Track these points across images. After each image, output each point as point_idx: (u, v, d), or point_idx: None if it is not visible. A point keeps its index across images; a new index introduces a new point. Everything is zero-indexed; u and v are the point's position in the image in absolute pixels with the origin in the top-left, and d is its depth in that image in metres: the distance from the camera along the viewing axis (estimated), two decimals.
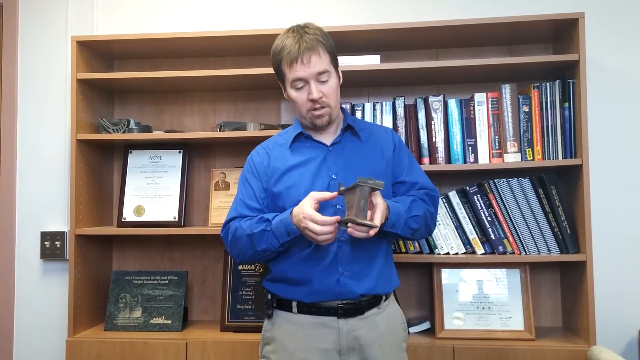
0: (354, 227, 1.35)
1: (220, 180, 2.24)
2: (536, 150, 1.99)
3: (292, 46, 1.48)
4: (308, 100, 1.51)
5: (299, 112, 1.57)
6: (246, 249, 1.52)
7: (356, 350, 1.48)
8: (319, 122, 1.54)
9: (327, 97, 1.52)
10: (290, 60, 1.49)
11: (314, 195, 1.41)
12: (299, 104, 1.54)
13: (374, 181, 1.33)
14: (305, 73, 1.49)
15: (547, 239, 1.98)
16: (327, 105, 1.52)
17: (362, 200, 1.33)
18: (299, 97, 1.53)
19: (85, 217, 2.17)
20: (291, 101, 1.57)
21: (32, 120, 2.40)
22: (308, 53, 1.47)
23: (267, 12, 2.35)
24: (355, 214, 1.33)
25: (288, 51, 1.49)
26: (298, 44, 1.48)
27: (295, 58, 1.48)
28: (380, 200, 1.40)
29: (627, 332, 2.12)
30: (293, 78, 1.50)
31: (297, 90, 1.52)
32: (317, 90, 1.49)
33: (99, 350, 2.02)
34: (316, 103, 1.51)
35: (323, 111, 1.53)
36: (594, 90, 2.13)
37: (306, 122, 1.57)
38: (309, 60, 1.48)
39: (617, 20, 2.19)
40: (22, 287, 2.37)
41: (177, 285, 2.20)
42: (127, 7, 2.41)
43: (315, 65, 1.48)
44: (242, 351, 1.98)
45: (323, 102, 1.51)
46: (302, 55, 1.47)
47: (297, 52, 1.47)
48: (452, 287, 2.07)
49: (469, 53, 2.24)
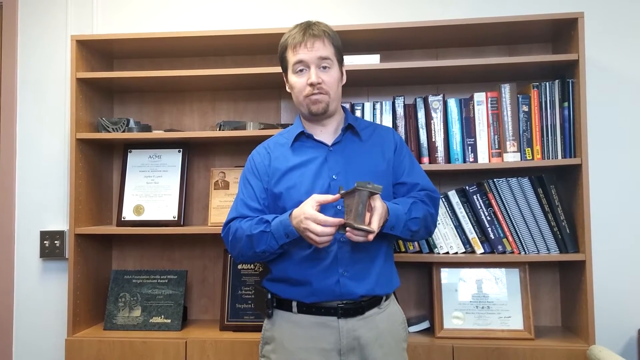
0: (352, 232, 1.35)
1: (220, 180, 2.24)
2: (535, 149, 1.99)
3: (297, 33, 1.53)
4: (307, 84, 1.51)
5: (297, 100, 1.57)
6: (246, 250, 1.52)
7: (356, 350, 1.48)
8: (315, 108, 1.53)
9: (327, 85, 1.52)
10: (294, 45, 1.52)
11: (315, 198, 1.41)
12: (298, 89, 1.54)
13: (372, 185, 1.33)
14: (307, 56, 1.50)
15: (547, 239, 1.98)
16: (325, 93, 1.52)
17: (361, 205, 1.33)
18: (298, 82, 1.53)
19: (85, 217, 2.17)
20: (291, 88, 1.57)
21: (32, 120, 2.40)
22: (313, 39, 1.51)
23: (267, 12, 2.35)
24: (354, 219, 1.33)
25: (293, 37, 1.53)
26: (304, 31, 1.52)
27: (300, 42, 1.51)
28: (379, 204, 1.39)
29: (626, 331, 2.12)
30: (295, 61, 1.52)
31: (297, 74, 1.53)
32: (317, 75, 1.50)
33: (98, 349, 2.02)
34: (314, 88, 1.51)
35: (320, 97, 1.52)
36: (593, 90, 2.13)
37: (303, 109, 1.56)
38: (313, 45, 1.50)
39: (617, 20, 2.19)
40: (22, 286, 2.37)
41: (176, 285, 2.20)
42: (127, 6, 2.41)
43: (319, 50, 1.50)
44: (242, 350, 1.98)
45: (322, 89, 1.51)
46: (306, 40, 1.50)
47: (302, 37, 1.51)
48: (451, 286, 2.07)
49: (468, 53, 2.24)
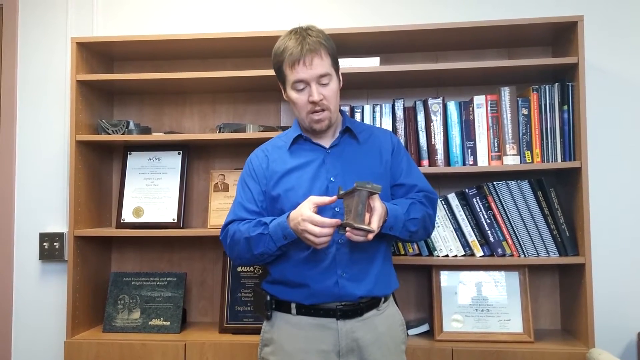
0: (352, 232, 1.35)
1: (220, 182, 2.24)
2: (535, 152, 1.99)
3: (294, 48, 1.48)
4: (308, 102, 1.51)
5: (298, 114, 1.57)
6: (244, 252, 1.52)
7: (355, 351, 1.48)
8: (318, 127, 1.55)
9: (328, 100, 1.52)
10: (292, 62, 1.49)
11: (312, 199, 1.41)
12: (299, 105, 1.54)
13: (372, 185, 1.33)
14: (306, 75, 1.49)
15: (546, 242, 1.98)
16: (326, 108, 1.52)
17: (360, 205, 1.33)
18: (300, 99, 1.53)
19: (84, 219, 2.16)
20: (291, 103, 1.57)
21: (32, 121, 2.40)
22: (310, 55, 1.48)
23: (267, 14, 2.35)
24: (353, 219, 1.33)
25: (290, 52, 1.49)
26: (300, 46, 1.48)
27: (297, 60, 1.48)
28: (378, 204, 1.40)
29: (626, 334, 2.12)
30: (294, 80, 1.51)
31: (298, 91, 1.52)
32: (318, 92, 1.50)
33: (97, 351, 2.02)
34: (316, 105, 1.51)
35: (323, 115, 1.53)
36: (593, 93, 2.13)
37: (305, 125, 1.57)
38: (311, 63, 1.48)
39: (616, 23, 2.19)
40: (21, 288, 2.36)
41: (175, 287, 2.20)
42: (127, 8, 2.41)
43: (317, 67, 1.49)
44: (241, 353, 1.97)
45: (323, 105, 1.51)
46: (304, 57, 1.47)
47: (300, 54, 1.47)
48: (451, 289, 2.07)
49: (468, 56, 2.24)
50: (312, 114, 1.52)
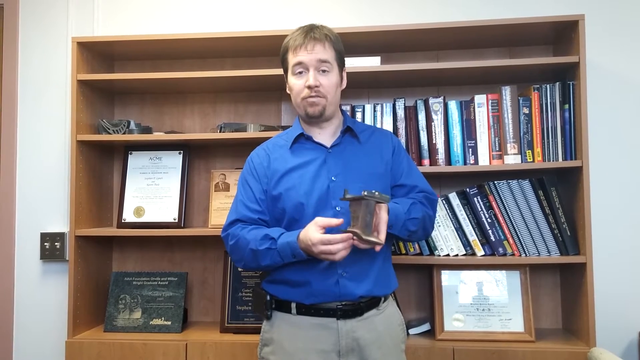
0: (359, 241, 1.36)
1: (220, 182, 2.24)
2: (536, 152, 1.99)
3: (299, 35, 1.54)
4: (305, 87, 1.52)
5: (294, 101, 1.58)
6: (249, 262, 1.53)
7: (355, 351, 1.48)
8: (311, 110, 1.54)
9: (324, 89, 1.52)
10: (295, 47, 1.53)
11: (318, 222, 1.40)
12: (296, 91, 1.55)
13: (380, 195, 1.34)
14: (306, 58, 1.51)
15: (547, 241, 1.98)
16: (322, 96, 1.52)
17: (368, 215, 1.34)
18: (297, 84, 1.54)
19: (85, 218, 2.17)
20: (290, 90, 1.58)
21: (32, 121, 2.40)
22: (313, 42, 1.51)
23: (268, 14, 2.35)
24: (362, 229, 1.34)
25: (294, 39, 1.54)
26: (305, 34, 1.53)
27: (300, 45, 1.52)
28: (384, 215, 1.40)
29: (627, 333, 2.12)
30: (294, 62, 1.53)
31: (296, 76, 1.54)
32: (315, 77, 1.51)
33: (98, 351, 2.02)
34: (312, 90, 1.51)
35: (317, 100, 1.53)
36: (594, 92, 2.13)
37: (300, 111, 1.57)
38: (313, 48, 1.51)
39: (617, 23, 2.19)
40: (22, 288, 2.36)
41: (176, 287, 2.20)
42: (128, 8, 2.41)
43: (318, 52, 1.51)
44: (242, 352, 1.98)
45: (319, 92, 1.52)
46: (307, 43, 1.51)
47: (303, 40, 1.52)
48: (452, 288, 2.07)
49: (469, 55, 2.24)
50: (307, 98, 1.53)
